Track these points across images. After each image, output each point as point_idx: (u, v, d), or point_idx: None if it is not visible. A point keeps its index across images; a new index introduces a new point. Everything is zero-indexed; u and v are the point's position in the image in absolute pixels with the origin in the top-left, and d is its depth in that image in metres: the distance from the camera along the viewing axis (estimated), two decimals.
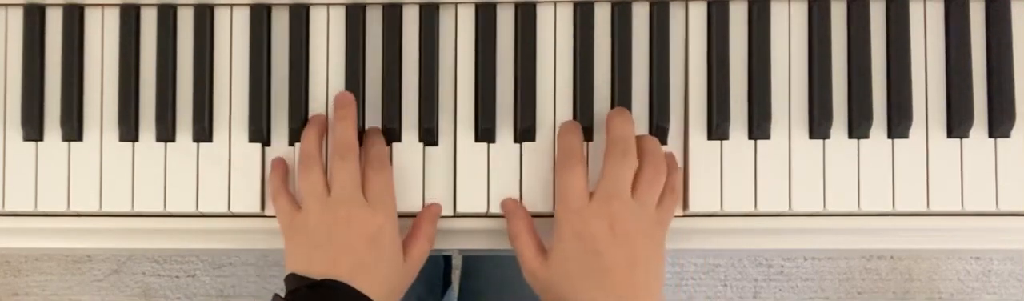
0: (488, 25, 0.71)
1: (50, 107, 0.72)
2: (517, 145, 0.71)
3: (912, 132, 0.71)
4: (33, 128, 0.72)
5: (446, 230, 0.72)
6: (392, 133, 0.71)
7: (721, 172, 0.71)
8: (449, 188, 0.71)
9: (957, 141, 0.71)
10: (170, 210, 0.71)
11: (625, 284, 0.64)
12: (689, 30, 0.72)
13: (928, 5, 0.71)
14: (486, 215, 0.71)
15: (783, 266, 1.49)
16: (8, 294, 1.50)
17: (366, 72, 0.72)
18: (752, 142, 0.71)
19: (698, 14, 0.72)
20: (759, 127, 0.70)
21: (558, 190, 0.66)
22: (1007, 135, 0.71)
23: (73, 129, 0.71)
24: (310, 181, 0.68)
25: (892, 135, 0.71)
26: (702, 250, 0.72)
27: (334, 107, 0.71)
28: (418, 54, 0.71)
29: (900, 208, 0.70)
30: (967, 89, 0.70)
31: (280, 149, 0.72)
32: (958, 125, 0.70)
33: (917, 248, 0.72)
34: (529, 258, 0.67)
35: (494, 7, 0.72)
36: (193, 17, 0.72)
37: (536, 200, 0.71)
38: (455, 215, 0.71)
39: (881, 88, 0.71)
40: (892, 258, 1.48)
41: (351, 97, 0.71)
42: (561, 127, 0.70)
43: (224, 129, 0.72)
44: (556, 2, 0.72)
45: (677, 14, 0.72)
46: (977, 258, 1.48)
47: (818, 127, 0.70)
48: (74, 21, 0.72)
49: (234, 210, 0.71)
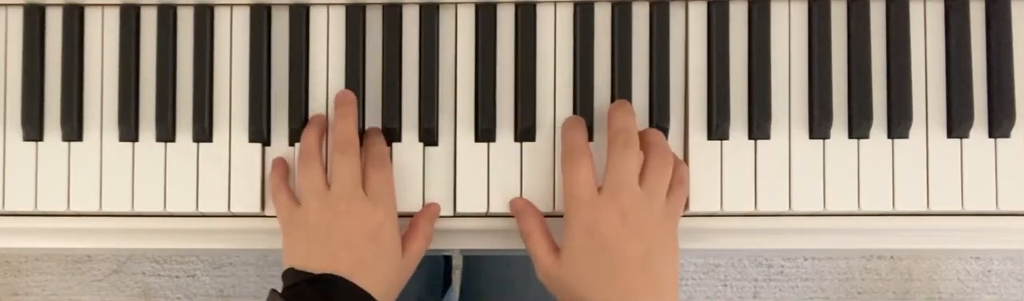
0: (488, 25, 0.71)
1: (50, 107, 0.72)
2: (517, 145, 0.71)
3: (912, 132, 0.71)
4: (33, 128, 0.72)
5: (446, 230, 0.72)
6: (392, 133, 0.71)
7: (721, 172, 0.71)
8: (449, 188, 0.71)
9: (957, 141, 0.71)
10: (170, 210, 0.71)
11: (640, 275, 0.63)
12: (689, 30, 0.72)
13: (928, 5, 0.71)
14: (486, 215, 0.71)
15: (783, 266, 1.49)
16: (8, 294, 1.50)
17: (366, 72, 0.72)
18: (752, 142, 0.71)
19: (698, 14, 0.72)
20: (759, 127, 0.70)
21: (566, 184, 0.66)
22: (1007, 135, 0.71)
23: (73, 129, 0.71)
24: (310, 177, 0.68)
25: (892, 135, 0.71)
26: (702, 250, 0.72)
27: (335, 105, 0.71)
28: (418, 54, 0.71)
29: (900, 208, 0.70)
30: (967, 89, 0.70)
31: (280, 149, 0.72)
32: (958, 125, 0.70)
33: (917, 248, 0.72)
34: (542, 256, 0.66)
35: (494, 7, 0.72)
36: (193, 17, 0.72)
37: (537, 200, 0.70)
38: (455, 215, 0.71)
39: (881, 88, 0.71)
40: (892, 258, 1.48)
41: (352, 95, 0.71)
42: (564, 122, 0.69)
43: (224, 129, 0.72)
44: (556, 2, 0.72)
45: (677, 14, 0.72)
46: (977, 258, 1.48)
47: (818, 127, 0.70)
48: (74, 21, 0.72)
49: (234, 210, 0.71)
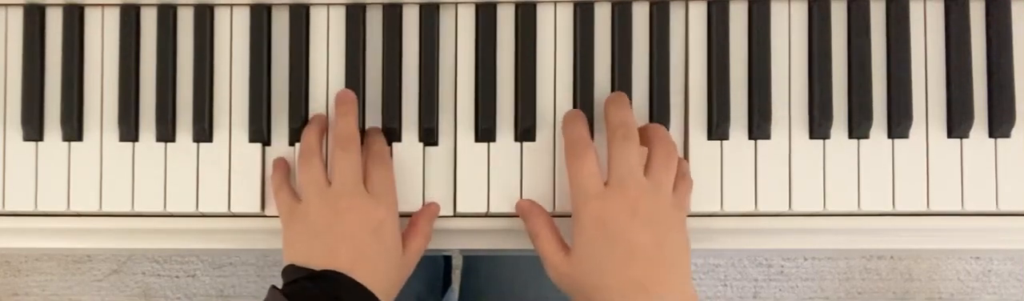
0: (488, 25, 0.71)
1: (50, 107, 0.72)
2: (517, 145, 0.71)
3: (912, 132, 0.71)
4: (33, 128, 0.72)
5: (446, 230, 0.72)
6: (392, 133, 0.71)
7: (721, 172, 0.71)
8: (449, 188, 0.71)
9: (957, 141, 0.71)
10: (170, 210, 0.71)
11: (652, 266, 0.63)
12: (689, 30, 0.72)
13: (928, 5, 0.71)
14: (486, 215, 0.71)
15: (783, 266, 1.49)
16: (8, 294, 1.50)
17: (366, 72, 0.72)
18: (752, 142, 0.71)
19: (698, 14, 0.72)
20: (759, 127, 0.70)
21: (572, 178, 0.65)
22: (1007, 135, 0.71)
23: (73, 129, 0.71)
24: (311, 173, 0.68)
25: (892, 135, 0.71)
26: (702, 250, 0.72)
27: (335, 104, 0.71)
28: (418, 54, 0.71)
29: (900, 208, 0.70)
30: (967, 89, 0.70)
31: (280, 149, 0.72)
32: (958, 125, 0.70)
33: (917, 248, 0.72)
34: (551, 253, 0.66)
35: (494, 7, 0.72)
36: (193, 17, 0.72)
37: (537, 200, 0.70)
38: (455, 215, 0.71)
39: (881, 88, 0.71)
40: (892, 258, 1.48)
41: (352, 94, 0.71)
42: (565, 117, 0.69)
43: (224, 129, 0.72)
44: (556, 2, 0.72)
45: (677, 14, 0.72)
46: (977, 258, 1.48)
47: (818, 127, 0.70)
48: (74, 21, 0.72)
49: (234, 210, 0.71)
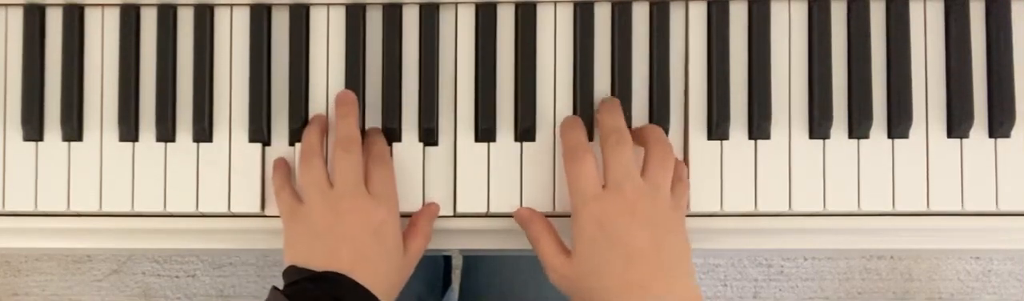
0: (488, 25, 0.71)
1: (50, 107, 0.72)
2: (517, 145, 0.71)
3: (912, 132, 0.71)
4: (33, 128, 0.72)
5: (446, 230, 0.72)
6: (392, 133, 0.71)
7: (721, 172, 0.71)
8: (449, 188, 0.71)
9: (957, 141, 0.71)
10: (170, 210, 0.71)
11: (652, 267, 0.63)
12: (689, 30, 0.72)
13: (928, 5, 0.71)
14: (486, 215, 0.71)
15: (783, 266, 1.49)
16: (8, 294, 1.50)
17: (366, 72, 0.72)
18: (752, 142, 0.71)
19: (698, 14, 0.72)
20: (759, 127, 0.70)
21: (571, 182, 0.66)
22: (1007, 135, 0.71)
23: (73, 129, 0.71)
24: (312, 174, 0.68)
25: (892, 135, 0.71)
26: (702, 250, 0.72)
27: (335, 104, 0.71)
28: (418, 54, 0.71)
29: (900, 208, 0.70)
30: (967, 89, 0.70)
31: (280, 149, 0.72)
32: (958, 125, 0.70)
33: (917, 248, 0.72)
34: (552, 256, 0.66)
35: (494, 7, 0.72)
36: (193, 17, 0.72)
37: (537, 200, 0.71)
38: (455, 215, 0.71)
39: (881, 88, 0.71)
40: (892, 258, 1.48)
41: (353, 95, 0.71)
42: (562, 123, 0.69)
43: (224, 129, 0.72)
44: (556, 2, 0.72)
45: (677, 14, 0.72)
46: (977, 258, 1.48)
47: (818, 127, 0.70)
48: (74, 21, 0.72)
49: (234, 210, 0.71)
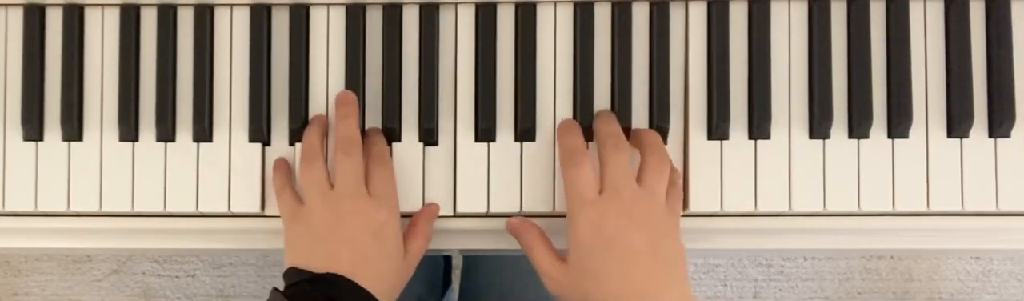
0: (488, 25, 0.71)
1: (50, 107, 0.72)
2: (517, 145, 0.71)
3: (912, 132, 0.71)
4: (33, 128, 0.72)
5: (446, 230, 0.72)
6: (392, 133, 0.71)
7: (721, 172, 0.71)
8: (449, 188, 0.71)
9: (957, 141, 0.71)
10: (170, 210, 0.71)
11: (649, 270, 0.63)
12: (689, 30, 0.72)
13: (928, 5, 0.71)
14: (486, 215, 0.71)
15: (783, 266, 1.49)
16: (8, 294, 1.50)
17: (366, 72, 0.72)
18: (752, 142, 0.71)
19: (698, 14, 0.72)
20: (759, 127, 0.70)
21: (568, 186, 0.66)
22: (1007, 135, 0.71)
23: (73, 129, 0.71)
24: (313, 175, 0.68)
25: (892, 135, 0.71)
26: (702, 250, 0.72)
27: (336, 105, 0.71)
28: (418, 54, 0.71)
29: (900, 208, 0.70)
30: (967, 89, 0.70)
31: (280, 149, 0.72)
32: (958, 125, 0.70)
33: (917, 248, 0.72)
34: (547, 264, 0.66)
35: (494, 7, 0.72)
36: (193, 17, 0.72)
37: (536, 200, 0.71)
38: (455, 215, 0.71)
39: (881, 88, 0.71)
40: (892, 258, 1.48)
41: (353, 96, 0.71)
42: (560, 127, 0.70)
43: (224, 129, 0.72)
44: (556, 2, 0.72)
45: (677, 14, 0.72)
46: (977, 258, 1.48)
47: (818, 127, 0.70)
48: (74, 21, 0.72)
49: (234, 210, 0.71)
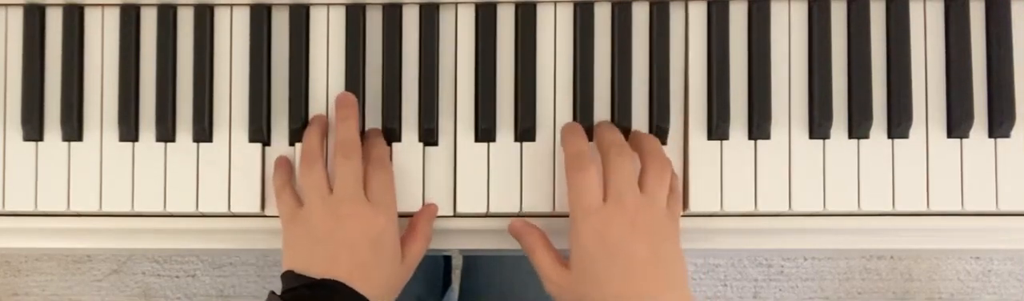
0: (488, 25, 0.71)
1: (50, 107, 0.72)
2: (517, 145, 0.71)
3: (912, 132, 0.71)
4: (33, 128, 0.72)
5: (446, 230, 0.72)
6: (392, 133, 0.71)
7: (721, 172, 0.71)
8: (449, 188, 0.71)
9: (957, 141, 0.71)
10: (170, 210, 0.71)
11: (651, 278, 0.64)
12: (689, 30, 0.72)
13: (928, 5, 0.71)
14: (486, 215, 0.71)
15: (783, 266, 1.49)
16: (8, 294, 1.50)
17: (366, 72, 0.72)
18: (752, 142, 0.71)
19: (698, 14, 0.72)
20: (759, 127, 0.70)
21: (572, 192, 0.66)
22: (1007, 135, 0.71)
23: (73, 129, 0.71)
24: (312, 178, 0.68)
25: (892, 135, 0.71)
26: (702, 250, 0.72)
27: (336, 107, 0.71)
28: (418, 54, 0.71)
29: (900, 208, 0.70)
30: (967, 89, 0.70)
31: (280, 149, 0.72)
32: (958, 125, 0.70)
33: (917, 248, 0.72)
34: (549, 268, 0.67)
35: (494, 7, 0.72)
36: (193, 17, 0.72)
37: (537, 200, 0.71)
38: (455, 215, 0.71)
39: (881, 88, 0.71)
40: (892, 258, 1.48)
41: (353, 97, 0.71)
42: (563, 131, 0.70)
43: (224, 129, 0.72)
44: (556, 2, 0.72)
45: (677, 14, 0.72)
46: (977, 258, 1.48)
47: (818, 127, 0.70)
48: (74, 21, 0.72)
49: (234, 210, 0.71)
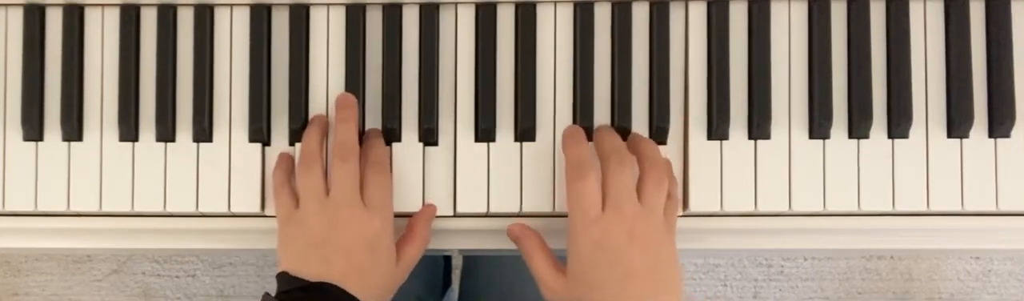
0: (488, 25, 0.71)
1: (50, 107, 0.72)
2: (517, 145, 0.71)
3: (912, 132, 0.71)
4: (33, 128, 0.72)
5: (446, 230, 0.72)
6: (392, 133, 0.71)
7: (721, 172, 0.71)
8: (449, 188, 0.71)
9: (957, 141, 0.71)
10: (170, 210, 0.71)
11: (648, 287, 0.64)
12: (689, 30, 0.72)
13: (928, 5, 0.71)
14: (486, 215, 0.71)
15: (783, 266, 1.49)
16: (8, 294, 1.50)
17: (366, 72, 0.72)
18: (752, 142, 0.71)
19: (698, 14, 0.72)
20: (759, 127, 0.70)
21: (571, 200, 0.66)
22: (1007, 135, 0.71)
23: (73, 129, 0.71)
24: (310, 180, 0.68)
25: (892, 135, 0.71)
26: (702, 250, 0.72)
27: (336, 108, 0.71)
28: (418, 54, 0.71)
29: (900, 208, 0.70)
30: (967, 89, 0.70)
31: (280, 149, 0.72)
32: (958, 125, 0.70)
33: (917, 248, 0.72)
34: (547, 275, 0.67)
35: (494, 7, 0.72)
36: (193, 17, 0.72)
37: (536, 200, 0.71)
38: (455, 215, 0.71)
39: (881, 88, 0.71)
40: (892, 258, 1.48)
41: (353, 98, 0.71)
42: (564, 136, 0.69)
43: (224, 129, 0.72)
44: (556, 2, 0.72)
45: (677, 14, 0.72)
46: (977, 258, 1.48)
47: (818, 127, 0.70)
48: (74, 21, 0.72)
49: (234, 210, 0.71)
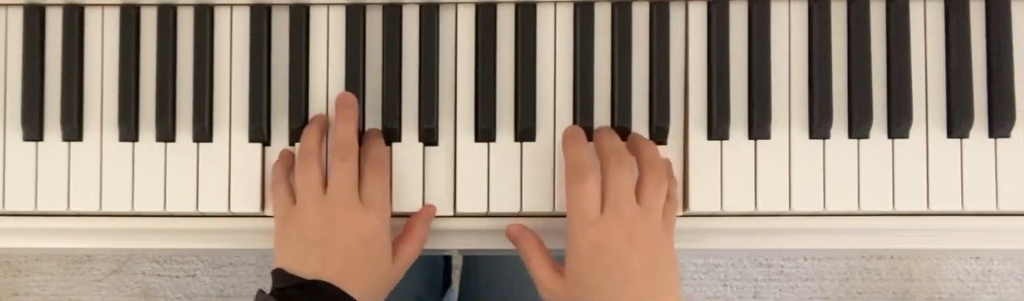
0: (488, 25, 0.71)
1: (50, 107, 0.72)
2: (517, 145, 0.71)
3: (912, 132, 0.71)
4: (33, 128, 0.72)
5: (446, 230, 0.72)
6: (392, 133, 0.71)
7: (721, 172, 0.71)
8: (449, 188, 0.71)
9: (957, 141, 0.71)
10: (170, 210, 0.71)
11: (647, 289, 0.64)
12: (689, 30, 0.72)
13: (928, 5, 0.71)
14: (486, 215, 0.71)
15: (783, 266, 1.49)
16: (8, 294, 1.50)
17: (366, 72, 0.72)
18: (752, 142, 0.71)
19: (698, 14, 0.72)
20: (759, 127, 0.70)
21: (570, 202, 0.66)
22: (1007, 135, 0.71)
23: (73, 129, 0.71)
24: (308, 178, 0.68)
25: (892, 135, 0.71)
26: (702, 250, 0.72)
27: (336, 107, 0.71)
28: (418, 54, 0.71)
29: (900, 208, 0.70)
30: (967, 89, 0.70)
31: (280, 149, 0.72)
32: (958, 125, 0.70)
33: (917, 248, 0.72)
34: (545, 276, 0.67)
35: (494, 7, 0.72)
36: (193, 17, 0.72)
37: (536, 200, 0.71)
38: (455, 215, 0.71)
39: (881, 88, 0.71)
40: (892, 258, 1.48)
41: (353, 98, 0.71)
42: (565, 137, 0.69)
43: (224, 129, 0.72)
44: (556, 2, 0.72)
45: (677, 14, 0.72)
46: (977, 258, 1.48)
47: (818, 127, 0.70)
48: (74, 21, 0.72)
49: (234, 210, 0.71)
